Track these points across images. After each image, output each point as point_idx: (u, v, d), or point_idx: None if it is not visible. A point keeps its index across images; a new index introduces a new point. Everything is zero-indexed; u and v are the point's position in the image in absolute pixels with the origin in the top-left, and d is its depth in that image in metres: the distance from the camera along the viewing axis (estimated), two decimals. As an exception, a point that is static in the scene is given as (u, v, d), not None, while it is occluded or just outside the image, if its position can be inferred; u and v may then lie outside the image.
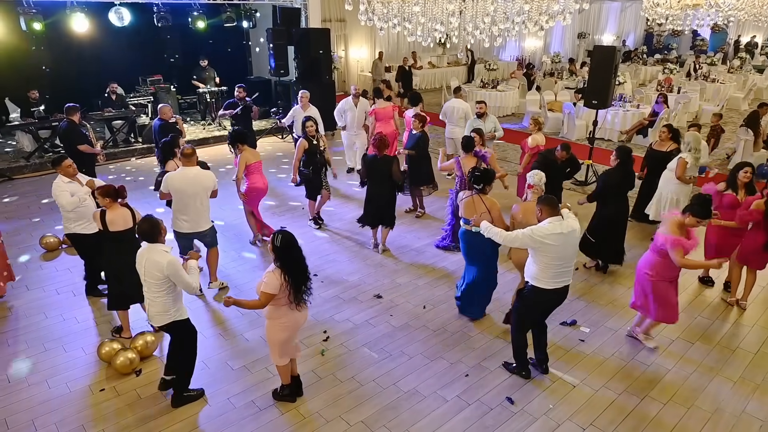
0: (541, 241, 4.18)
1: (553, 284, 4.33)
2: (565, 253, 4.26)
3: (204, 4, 11.86)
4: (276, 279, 3.80)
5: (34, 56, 11.91)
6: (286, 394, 4.40)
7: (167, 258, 4.00)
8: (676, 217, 4.67)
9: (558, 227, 4.19)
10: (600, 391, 4.56)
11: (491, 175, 5.22)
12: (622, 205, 6.30)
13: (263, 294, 3.83)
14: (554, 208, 4.26)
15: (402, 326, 5.43)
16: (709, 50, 24.30)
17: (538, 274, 4.34)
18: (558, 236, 4.18)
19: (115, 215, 4.83)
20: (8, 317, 5.51)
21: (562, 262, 4.28)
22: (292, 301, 3.87)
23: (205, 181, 5.55)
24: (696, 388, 4.61)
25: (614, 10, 23.55)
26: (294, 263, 3.87)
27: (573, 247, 4.34)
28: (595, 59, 9.01)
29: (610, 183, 6.17)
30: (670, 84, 14.69)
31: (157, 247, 4.04)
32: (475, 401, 4.42)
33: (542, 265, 4.29)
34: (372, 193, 6.66)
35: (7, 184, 9.45)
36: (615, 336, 5.31)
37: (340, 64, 17.11)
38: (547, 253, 4.22)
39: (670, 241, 4.51)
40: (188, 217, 5.55)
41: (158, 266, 3.96)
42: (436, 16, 6.51)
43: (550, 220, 4.23)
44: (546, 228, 4.20)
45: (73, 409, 4.28)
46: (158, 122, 8.07)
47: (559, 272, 4.30)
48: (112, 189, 4.87)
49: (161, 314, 4.12)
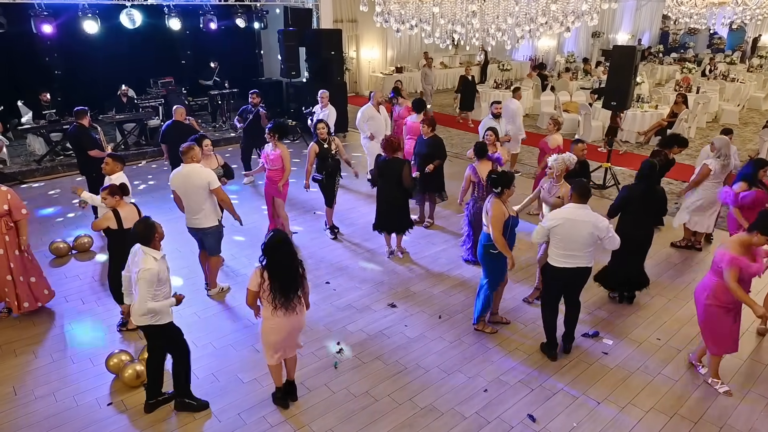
0: (552, 225, 4.58)
1: (563, 263, 4.63)
2: (571, 237, 4.53)
3: (215, 6, 11.76)
4: (256, 276, 3.85)
5: (46, 59, 11.88)
6: (279, 397, 4.36)
7: (147, 265, 3.83)
8: (742, 235, 4.23)
9: (570, 213, 4.54)
10: (626, 408, 4.35)
11: (510, 178, 5.04)
12: (642, 223, 5.51)
13: (247, 290, 3.94)
14: (584, 197, 4.56)
15: (417, 337, 5.26)
16: (727, 49, 23.83)
17: (550, 252, 4.73)
18: (565, 219, 4.52)
19: (126, 212, 4.90)
20: (16, 326, 5.41)
21: (568, 245, 4.56)
22: (269, 301, 3.83)
23: (195, 179, 5.42)
24: (727, 406, 4.39)
25: (629, 8, 23.15)
26: (275, 265, 3.81)
27: (582, 236, 4.52)
28: (615, 59, 8.77)
29: (629, 197, 5.49)
30: (688, 84, 14.37)
31: (146, 250, 3.91)
32: (495, 418, 4.24)
33: (553, 245, 4.68)
34: (383, 197, 6.53)
35: (18, 188, 9.41)
36: (640, 349, 5.10)
37: (351, 65, 16.98)
38: (555, 234, 4.60)
39: (727, 259, 4.08)
40: (187, 212, 5.64)
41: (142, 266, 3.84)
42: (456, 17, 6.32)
43: (568, 205, 4.63)
44: (557, 213, 4.63)
45: (79, 424, 4.16)
46: (171, 123, 8.09)
47: (567, 254, 4.60)
48: (117, 187, 4.91)
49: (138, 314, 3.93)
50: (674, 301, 5.91)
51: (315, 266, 6.62)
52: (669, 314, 5.67)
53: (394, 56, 18.59)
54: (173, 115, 8.16)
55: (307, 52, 12.26)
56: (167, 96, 12.05)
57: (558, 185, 5.45)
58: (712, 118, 14.25)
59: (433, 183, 7.42)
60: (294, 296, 3.89)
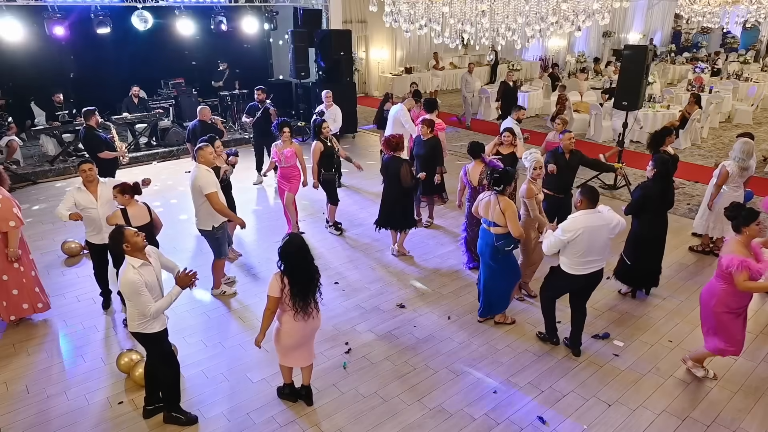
0: (571, 237, 4.41)
1: (581, 270, 4.54)
2: (591, 245, 4.44)
3: (225, 7, 11.82)
4: (276, 282, 3.80)
5: (59, 60, 12.00)
6: (287, 393, 4.40)
7: (127, 276, 3.68)
8: (735, 237, 4.25)
9: (588, 220, 4.39)
10: (637, 411, 4.31)
11: (511, 176, 5.03)
12: (659, 220, 5.63)
13: (268, 297, 3.84)
14: (593, 201, 4.45)
15: (426, 338, 5.24)
16: (740, 48, 23.54)
17: (567, 262, 4.57)
18: (585, 228, 4.37)
19: (135, 211, 4.95)
20: (29, 325, 5.46)
21: (589, 252, 4.46)
22: (290, 306, 3.80)
23: (195, 180, 5.47)
24: (741, 409, 4.33)
25: (641, 7, 22.95)
26: (294, 269, 3.78)
27: (602, 240, 4.45)
28: (626, 59, 8.69)
29: (649, 195, 5.48)
30: (701, 83, 14.20)
31: (128, 259, 3.74)
32: (504, 420, 4.22)
33: (571, 254, 4.51)
34: (385, 194, 6.60)
35: (31, 188, 9.51)
36: (651, 351, 5.05)
37: (361, 65, 16.98)
38: (575, 244, 4.44)
39: (736, 263, 4.05)
40: None
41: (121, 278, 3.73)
42: (465, 16, 6.29)
43: (582, 212, 4.45)
44: (574, 222, 4.43)
45: (91, 422, 4.19)
46: (196, 123, 8.28)
47: (585, 260, 4.50)
48: (129, 185, 4.97)
49: (130, 320, 3.88)
50: (686, 303, 5.85)
51: (323, 267, 6.57)
52: (681, 316, 5.60)
53: (403, 56, 18.57)
54: (198, 115, 8.36)
55: (317, 53, 12.28)
56: (178, 97, 12.13)
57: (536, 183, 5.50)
58: (725, 118, 14.09)
59: (434, 185, 7.40)
60: (312, 300, 3.87)
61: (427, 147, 7.21)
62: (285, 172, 6.92)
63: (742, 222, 4.15)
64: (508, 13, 6.18)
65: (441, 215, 8.06)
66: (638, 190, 5.66)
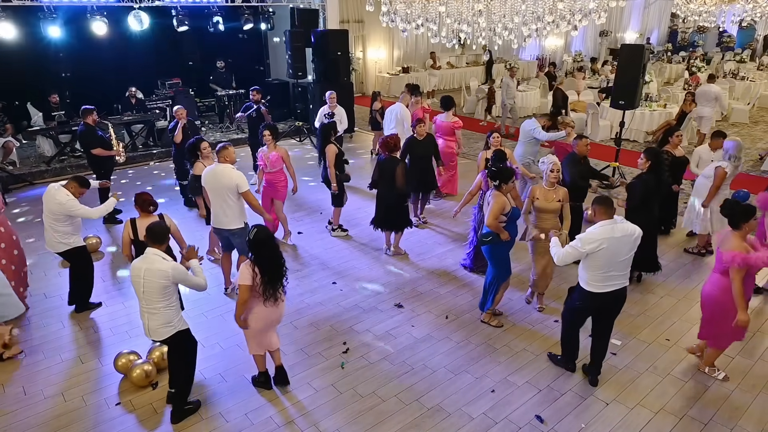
0: (592, 249, 4.08)
1: (603, 287, 4.19)
2: (614, 258, 4.11)
3: (222, 7, 11.80)
4: (248, 271, 3.96)
5: (55, 61, 11.97)
6: (262, 381, 4.51)
7: (170, 263, 3.91)
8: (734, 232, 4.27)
9: (609, 231, 4.08)
10: (635, 409, 4.32)
11: (509, 174, 5.02)
12: (652, 212, 5.77)
13: (240, 286, 4.00)
14: (609, 210, 4.16)
15: (424, 338, 5.24)
16: (737, 47, 23.59)
17: (587, 278, 4.24)
18: (608, 240, 4.05)
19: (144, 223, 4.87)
20: (26, 326, 5.45)
21: (611, 266, 4.13)
22: (261, 293, 3.97)
23: (222, 179, 5.42)
24: (738, 407, 4.34)
25: (637, 6, 23.00)
26: (265, 258, 3.99)
27: (625, 253, 4.15)
28: (623, 58, 8.71)
29: (650, 189, 5.59)
30: (697, 82, 14.23)
31: (153, 256, 3.89)
32: (502, 419, 4.22)
33: (592, 269, 4.19)
34: (381, 194, 6.60)
35: (27, 189, 9.48)
36: (648, 349, 5.06)
37: (358, 65, 16.97)
38: (595, 258, 4.12)
39: (738, 261, 4.08)
40: (213, 211, 5.64)
41: (162, 274, 3.85)
42: (462, 16, 6.29)
43: (602, 224, 4.13)
44: (595, 234, 4.10)
45: (88, 423, 4.18)
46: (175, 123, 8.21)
47: (607, 275, 4.16)
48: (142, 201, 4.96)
49: (165, 326, 3.98)
50: (683, 301, 5.86)
51: (321, 267, 6.62)
52: (678, 315, 5.62)
53: (400, 56, 18.58)
54: None
55: (314, 53, 12.27)
56: (175, 97, 12.11)
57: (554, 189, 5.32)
58: (721, 117, 14.12)
59: (427, 183, 7.44)
60: (280, 287, 4.09)
61: (424, 147, 7.23)
62: (270, 178, 6.75)
63: (742, 218, 4.19)
64: (504, 13, 6.19)
65: (438, 215, 8.07)
66: (638, 182, 5.70)
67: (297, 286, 6.06)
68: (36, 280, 6.29)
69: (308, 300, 5.87)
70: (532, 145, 7.76)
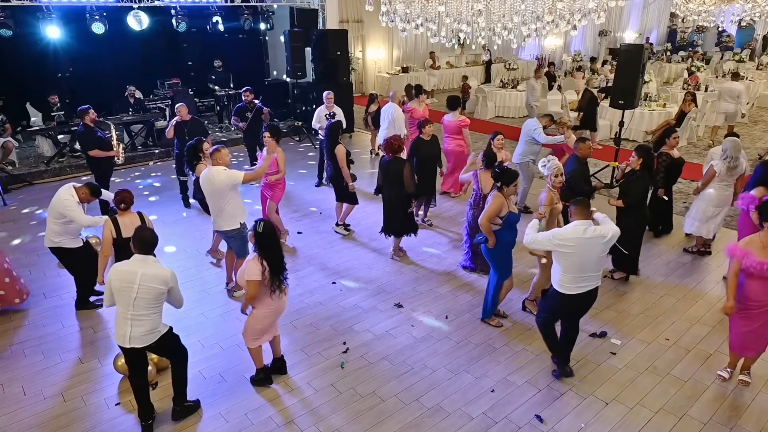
0: (560, 245, 4.14)
1: (575, 289, 4.25)
2: (585, 259, 4.16)
3: (221, 7, 11.80)
4: (256, 265, 4.00)
5: (54, 61, 11.96)
6: (262, 378, 4.52)
7: (169, 269, 3.88)
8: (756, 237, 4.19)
9: (579, 231, 4.12)
10: (635, 409, 4.32)
11: (511, 177, 5.00)
12: (645, 211, 6.02)
13: (249, 282, 4.01)
14: (584, 211, 4.21)
15: (424, 337, 5.25)
16: (736, 46, 23.61)
17: (560, 278, 4.29)
18: (578, 240, 4.10)
19: (127, 220, 4.98)
20: (25, 326, 5.45)
21: (581, 268, 4.18)
22: (268, 285, 4.05)
23: (215, 182, 5.42)
24: (738, 406, 4.35)
25: (636, 6, 23.02)
26: (273, 251, 4.08)
27: (596, 255, 4.18)
28: (622, 58, 8.70)
29: (646, 186, 5.83)
30: (696, 82, 14.24)
31: (149, 259, 3.84)
32: (502, 419, 4.22)
33: (563, 269, 4.25)
34: (385, 198, 6.55)
35: (27, 189, 9.47)
36: (648, 349, 5.06)
37: (357, 65, 16.97)
38: (566, 258, 4.18)
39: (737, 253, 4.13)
40: (211, 213, 5.68)
41: (161, 279, 3.78)
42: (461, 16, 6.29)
43: (576, 223, 4.18)
44: (567, 232, 4.17)
45: (87, 424, 4.18)
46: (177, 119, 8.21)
47: (580, 277, 4.21)
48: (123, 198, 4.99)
49: (149, 333, 3.85)
50: (683, 301, 5.87)
51: (321, 266, 6.62)
52: (678, 314, 5.62)
53: (400, 56, 18.58)
54: None
55: (313, 53, 12.27)
56: (174, 97, 12.10)
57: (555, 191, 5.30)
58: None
59: (429, 185, 7.43)
60: (284, 278, 4.19)
61: (430, 147, 7.22)
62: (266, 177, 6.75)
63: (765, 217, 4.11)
64: (504, 12, 6.19)
65: (438, 215, 8.07)
66: (635, 181, 5.80)
67: (297, 286, 6.06)
68: (35, 280, 6.29)
69: (308, 300, 5.87)
70: (532, 144, 7.76)
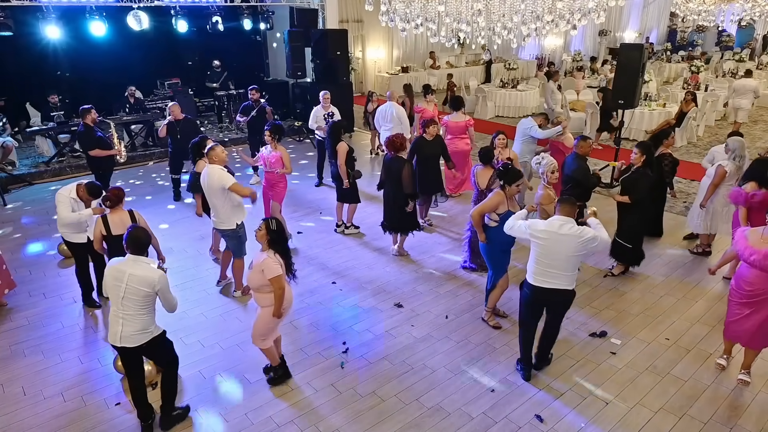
0: (534, 235, 4.26)
1: (536, 281, 4.30)
2: (552, 253, 4.19)
3: (221, 7, 11.80)
4: (275, 262, 4.07)
5: (54, 61, 11.96)
6: (281, 375, 4.55)
7: (158, 272, 3.80)
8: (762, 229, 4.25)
9: (555, 226, 4.18)
10: (635, 409, 4.32)
11: (514, 176, 5.00)
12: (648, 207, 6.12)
13: (275, 279, 4.03)
14: (570, 210, 4.25)
15: (424, 337, 5.24)
16: (736, 46, 23.61)
17: (529, 266, 4.41)
18: (548, 233, 4.18)
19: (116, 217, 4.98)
20: (25, 326, 5.45)
21: (549, 262, 4.22)
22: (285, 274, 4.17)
23: (210, 181, 5.45)
24: (738, 406, 4.34)
25: (636, 6, 23.02)
26: (284, 244, 4.26)
27: (566, 252, 4.16)
28: (622, 58, 8.70)
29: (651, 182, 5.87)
30: (697, 82, 14.24)
31: (141, 260, 3.80)
32: (502, 419, 4.22)
33: (533, 258, 4.35)
34: (387, 195, 6.57)
35: (27, 190, 9.47)
36: (648, 348, 5.06)
37: (357, 65, 16.97)
38: (537, 247, 4.28)
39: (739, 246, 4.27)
40: (211, 211, 5.74)
41: (148, 281, 3.71)
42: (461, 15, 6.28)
43: (555, 218, 4.27)
44: (543, 224, 4.26)
45: (87, 423, 4.17)
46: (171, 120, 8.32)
47: (547, 271, 4.24)
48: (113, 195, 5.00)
49: (140, 332, 3.79)
50: (683, 300, 5.86)
51: (321, 266, 6.62)
52: (678, 314, 5.62)
53: (399, 56, 18.58)
54: None
55: (313, 53, 12.27)
56: (174, 97, 12.10)
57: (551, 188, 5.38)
58: (720, 116, 14.14)
59: (433, 184, 7.42)
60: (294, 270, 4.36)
61: (433, 147, 7.22)
62: (270, 179, 6.76)
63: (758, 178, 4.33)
64: (503, 12, 6.19)
65: (438, 216, 8.07)
66: (640, 178, 5.83)
67: (297, 286, 6.03)
68: (35, 280, 6.30)
69: (308, 300, 5.87)
70: (528, 143, 7.77)
